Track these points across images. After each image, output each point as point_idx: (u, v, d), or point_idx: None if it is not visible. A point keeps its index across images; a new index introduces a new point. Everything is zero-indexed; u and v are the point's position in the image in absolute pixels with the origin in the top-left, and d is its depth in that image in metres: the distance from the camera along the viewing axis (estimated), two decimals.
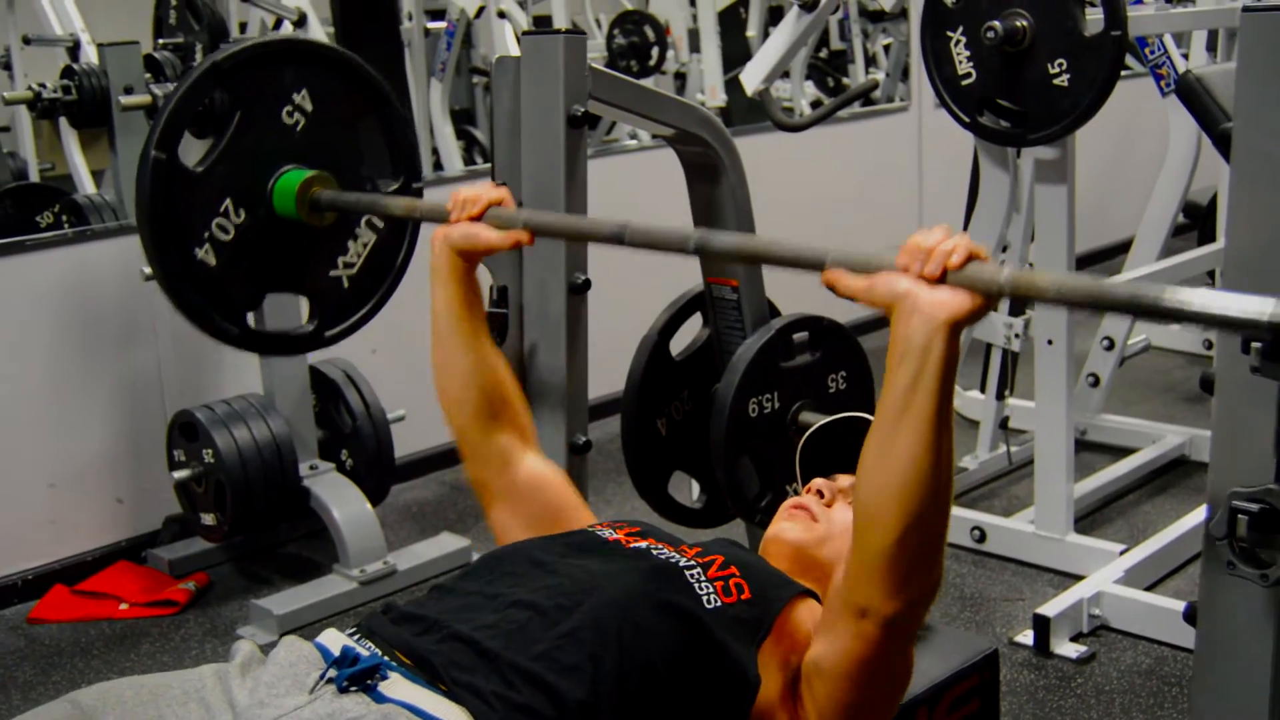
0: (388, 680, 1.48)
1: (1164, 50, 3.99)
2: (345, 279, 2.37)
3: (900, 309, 1.41)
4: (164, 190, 2.13)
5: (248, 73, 2.21)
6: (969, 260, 1.38)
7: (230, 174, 2.20)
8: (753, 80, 3.27)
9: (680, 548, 1.74)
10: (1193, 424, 4.07)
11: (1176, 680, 2.74)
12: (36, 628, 3.27)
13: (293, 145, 2.25)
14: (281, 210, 2.24)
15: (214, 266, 2.19)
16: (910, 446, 1.40)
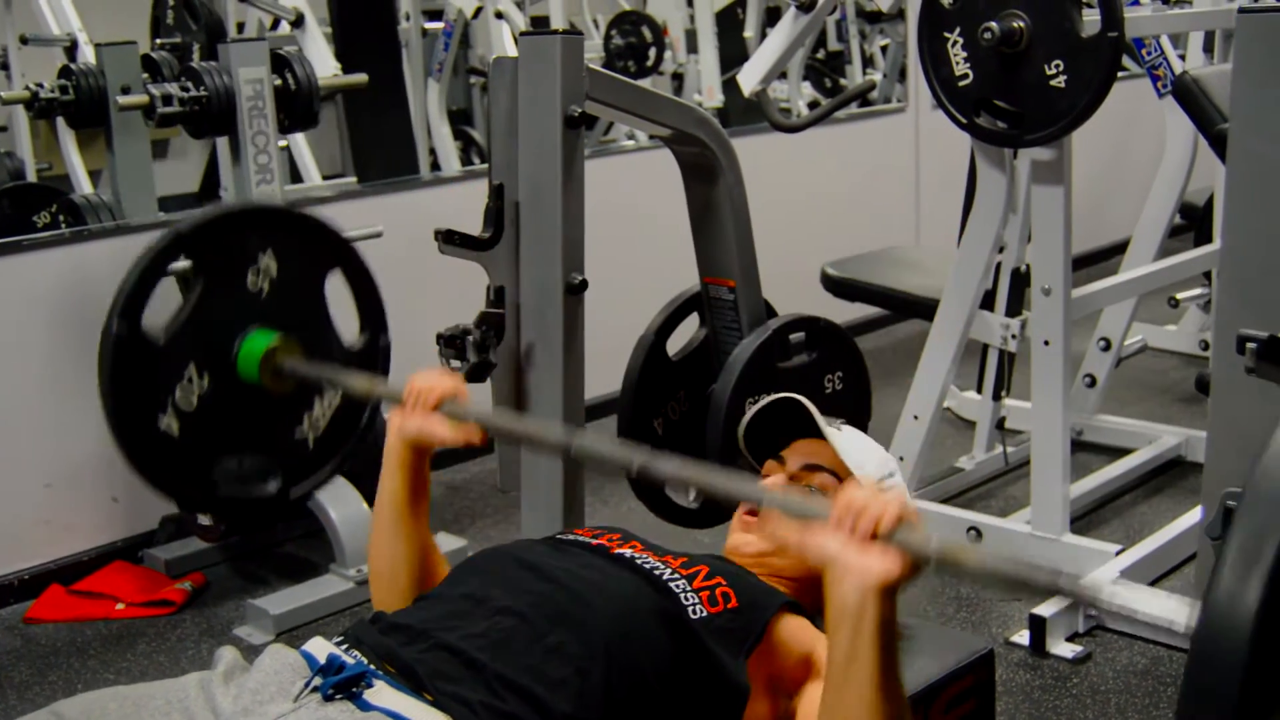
0: (373, 688, 1.48)
1: (1161, 51, 3.99)
2: (310, 439, 2.35)
3: (832, 573, 1.42)
4: (126, 363, 2.12)
5: (211, 239, 2.20)
6: (900, 523, 1.40)
7: (194, 340, 2.18)
8: (750, 81, 3.27)
9: (665, 558, 1.74)
10: (1189, 424, 4.07)
11: (1172, 680, 2.74)
12: (33, 627, 3.27)
13: (258, 308, 2.23)
14: (245, 376, 2.21)
15: (176, 435, 2.17)
16: (857, 709, 1.41)
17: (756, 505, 1.53)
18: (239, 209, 2.31)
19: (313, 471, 2.38)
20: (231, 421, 2.24)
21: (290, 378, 2.22)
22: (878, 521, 1.40)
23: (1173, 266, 3.77)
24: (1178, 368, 4.92)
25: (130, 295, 2.12)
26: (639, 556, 1.71)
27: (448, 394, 1.88)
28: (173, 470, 2.20)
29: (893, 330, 5.47)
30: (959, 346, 3.36)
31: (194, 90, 3.15)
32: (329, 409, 2.35)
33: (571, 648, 1.52)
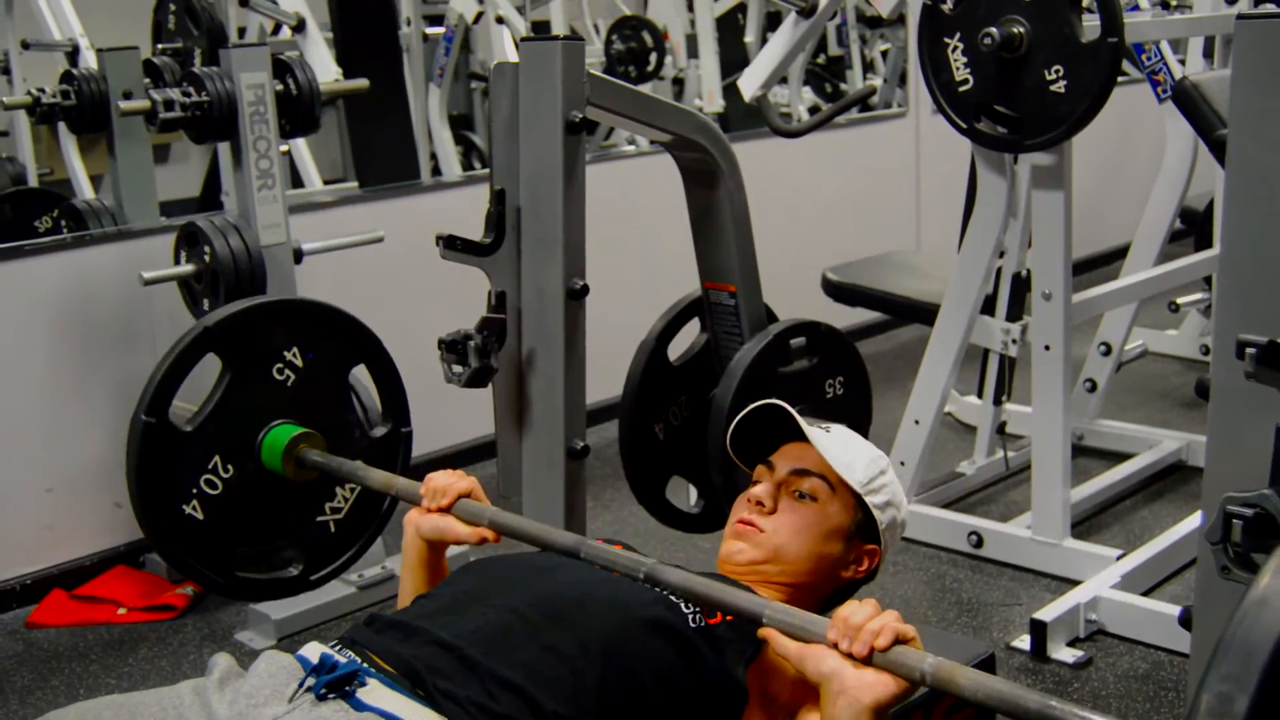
0: (366, 687, 1.48)
1: (1161, 56, 4.00)
2: (332, 524, 2.42)
3: (827, 689, 1.44)
4: (153, 452, 2.19)
5: (238, 335, 2.28)
6: (896, 643, 1.42)
7: (220, 432, 2.26)
8: (751, 86, 3.28)
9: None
10: (1189, 429, 4.08)
11: (1173, 685, 2.74)
12: (35, 632, 3.27)
13: (283, 401, 2.30)
14: (270, 465, 2.29)
15: (201, 521, 2.24)
16: None
17: (758, 617, 1.54)
18: (268, 304, 2.36)
19: (335, 556, 2.45)
20: (255, 508, 2.32)
21: (312, 469, 2.29)
22: (874, 639, 1.42)
23: (1173, 271, 3.78)
24: (1178, 372, 4.93)
25: (159, 388, 2.20)
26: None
27: (463, 493, 1.92)
28: (196, 554, 2.28)
29: (894, 335, 5.47)
30: (960, 351, 3.37)
31: (196, 95, 3.15)
32: (352, 494, 2.44)
33: (567, 648, 1.52)
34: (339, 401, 2.41)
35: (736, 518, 1.89)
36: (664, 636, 1.58)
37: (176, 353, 2.22)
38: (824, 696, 1.45)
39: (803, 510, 1.85)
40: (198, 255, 3.18)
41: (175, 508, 2.23)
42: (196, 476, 2.24)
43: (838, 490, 1.86)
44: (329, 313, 2.40)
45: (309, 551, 2.41)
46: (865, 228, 5.46)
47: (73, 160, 4.28)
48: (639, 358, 2.58)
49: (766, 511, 1.86)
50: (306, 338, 2.32)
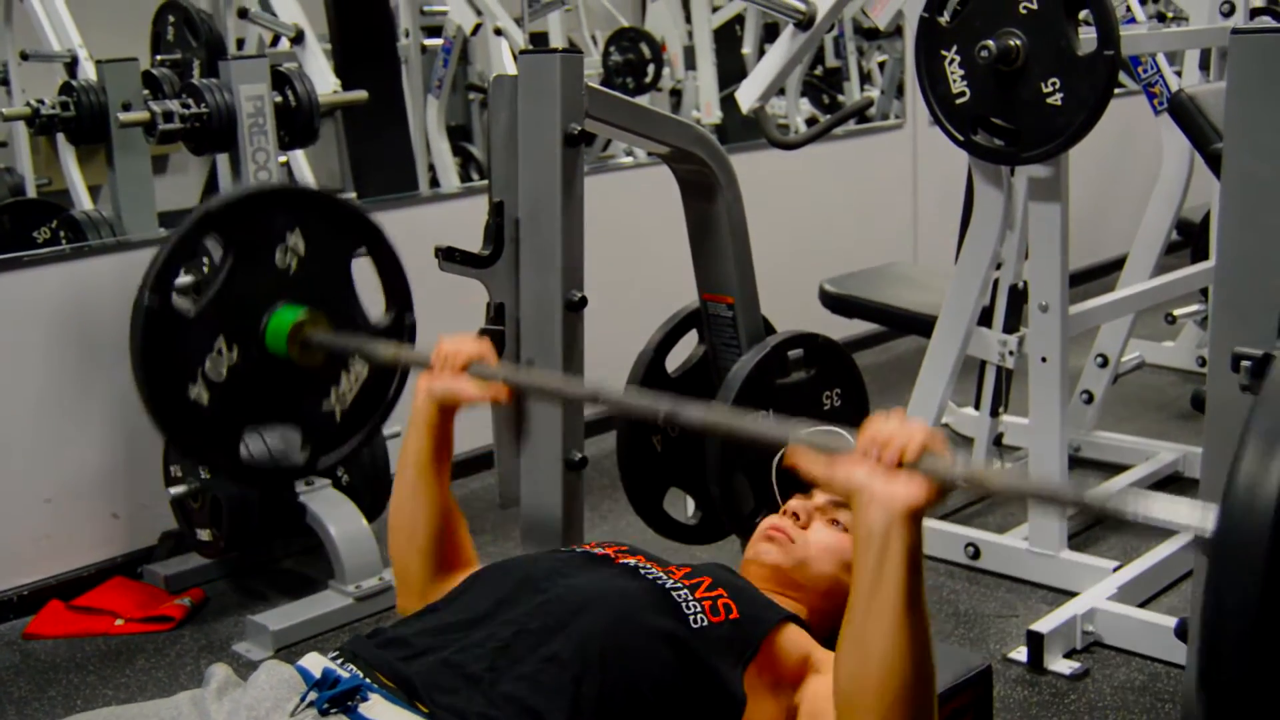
0: (368, 702, 1.48)
1: (1157, 69, 4.02)
2: (338, 411, 2.40)
3: (858, 500, 1.45)
4: (156, 334, 2.17)
5: (240, 219, 2.26)
6: (925, 450, 1.43)
7: (223, 314, 2.23)
8: (748, 98, 3.29)
9: (669, 568, 1.75)
10: (1186, 441, 4.08)
11: (1169, 696, 2.74)
12: (32, 643, 3.27)
13: (286, 284, 2.28)
14: (274, 349, 2.27)
15: (206, 405, 2.22)
16: (882, 636, 1.43)
17: (784, 441, 1.55)
18: (267, 189, 2.38)
19: (340, 443, 2.43)
20: (260, 393, 2.30)
21: (318, 350, 2.27)
22: (903, 449, 1.42)
23: (1169, 283, 3.78)
24: (1175, 384, 4.93)
25: (160, 270, 2.16)
26: (643, 567, 1.72)
27: (474, 356, 1.97)
28: (202, 438, 2.26)
29: (891, 346, 5.48)
30: (957, 363, 3.38)
31: (195, 107, 3.16)
32: (356, 382, 2.41)
33: (568, 656, 1.53)
34: (342, 289, 2.38)
35: (768, 523, 1.92)
36: (664, 643, 1.58)
37: (178, 235, 2.19)
38: (856, 509, 1.45)
39: (835, 534, 1.88)
40: (196, 266, 3.18)
41: (180, 392, 2.20)
42: (201, 359, 2.21)
43: None
44: (328, 200, 2.39)
45: (314, 439, 2.39)
46: (863, 239, 5.47)
47: (71, 171, 4.29)
48: (637, 369, 2.59)
49: (800, 525, 1.89)
50: (308, 224, 2.31)
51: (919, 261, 5.70)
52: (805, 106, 6.48)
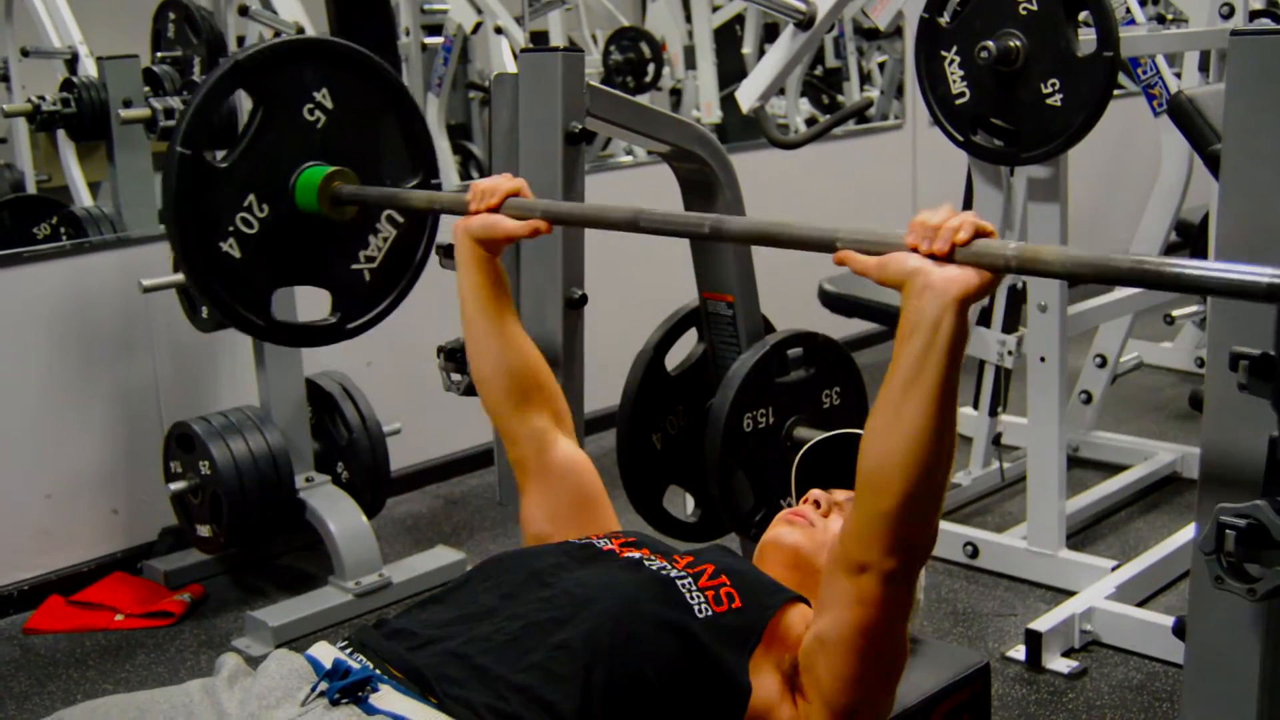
0: (379, 693, 1.49)
1: (1156, 70, 4.02)
2: (366, 273, 2.44)
3: (911, 286, 1.45)
4: (190, 185, 2.20)
5: (269, 71, 2.27)
6: (976, 236, 1.42)
7: (254, 170, 2.26)
8: (749, 98, 3.29)
9: (672, 557, 1.75)
10: (1185, 441, 4.09)
11: (1167, 695, 2.75)
12: (32, 638, 3.27)
13: (314, 142, 2.31)
14: (304, 205, 2.29)
15: (238, 259, 2.26)
16: (918, 416, 1.45)
17: (831, 242, 1.57)
18: (297, 41, 2.39)
19: (369, 306, 2.46)
20: (290, 251, 2.33)
21: (349, 203, 2.30)
22: (955, 233, 1.43)
23: None
24: (1173, 384, 4.94)
25: (192, 121, 2.19)
26: (647, 559, 1.73)
27: (511, 191, 1.96)
28: (234, 293, 2.28)
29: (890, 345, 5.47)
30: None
31: None
32: (385, 243, 2.44)
33: (576, 646, 1.54)
34: (369, 148, 2.40)
35: (789, 511, 1.93)
36: (671, 633, 1.59)
37: (208, 86, 2.21)
38: (907, 295, 1.46)
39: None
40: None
41: (213, 245, 2.23)
42: (233, 214, 2.24)
43: None
44: (357, 55, 2.39)
45: (345, 300, 2.43)
46: None
47: (71, 167, 4.29)
48: (636, 367, 2.59)
49: (821, 513, 1.90)
50: (336, 81, 2.33)
51: None
52: (805, 106, 6.48)
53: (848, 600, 1.56)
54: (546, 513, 1.96)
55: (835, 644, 1.58)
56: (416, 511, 4.07)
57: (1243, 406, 1.60)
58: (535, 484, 1.97)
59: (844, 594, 1.56)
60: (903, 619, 1.60)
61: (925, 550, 1.56)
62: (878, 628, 1.57)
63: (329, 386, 3.54)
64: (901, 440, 1.46)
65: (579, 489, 1.97)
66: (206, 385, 3.75)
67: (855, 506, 1.54)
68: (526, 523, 1.98)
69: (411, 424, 3.78)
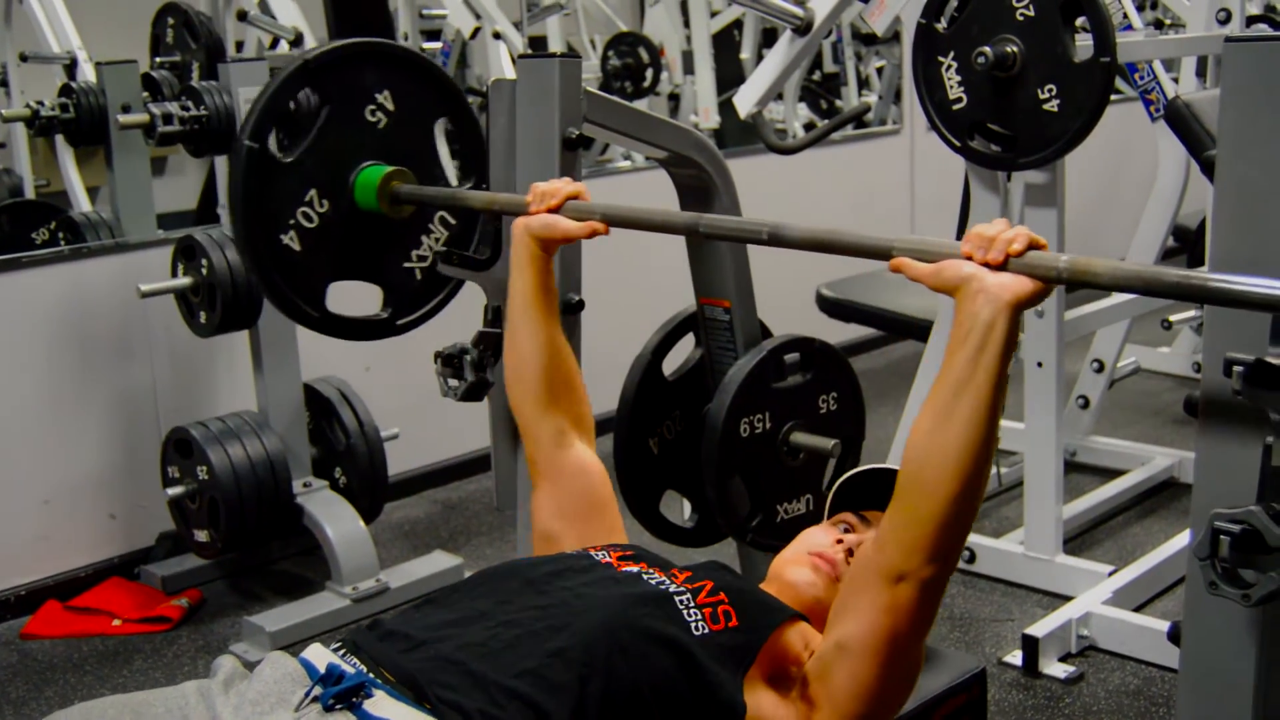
0: (373, 698, 1.48)
1: (1154, 76, 4.03)
2: (418, 271, 2.52)
3: (966, 291, 1.52)
4: (255, 178, 2.28)
5: (334, 71, 2.37)
6: (1029, 249, 1.50)
7: (316, 166, 2.36)
8: (747, 103, 3.29)
9: (670, 572, 1.75)
10: (1181, 446, 4.10)
11: (1164, 700, 2.75)
12: (29, 643, 3.27)
13: (374, 142, 2.41)
14: (363, 202, 2.37)
15: (298, 251, 2.34)
16: (969, 416, 1.50)
17: (888, 250, 1.65)
18: (363, 44, 2.45)
19: (419, 304, 2.53)
20: (347, 246, 2.41)
21: (407, 201, 2.36)
22: (1009, 245, 1.50)
23: None
24: (1170, 389, 4.95)
25: (260, 115, 2.28)
26: (645, 573, 1.72)
27: (571, 194, 2.03)
28: (292, 285, 2.36)
29: (888, 351, 5.49)
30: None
31: (194, 109, 3.17)
32: (437, 244, 2.52)
33: (573, 655, 1.53)
34: (426, 152, 2.49)
35: (817, 549, 1.88)
36: (666, 648, 1.59)
37: (278, 83, 2.31)
38: (961, 299, 1.52)
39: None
40: (195, 268, 3.19)
41: (274, 237, 2.32)
42: (294, 208, 2.33)
43: None
44: (418, 60, 2.48)
45: (396, 296, 2.51)
46: None
47: (70, 172, 4.29)
48: (634, 372, 2.60)
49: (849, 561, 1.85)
50: (397, 83, 2.41)
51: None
52: (803, 111, 6.49)
53: (880, 607, 1.57)
54: (554, 508, 1.98)
55: (860, 652, 1.59)
56: (414, 517, 4.07)
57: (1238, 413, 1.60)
58: (546, 481, 2.00)
59: (876, 601, 1.57)
60: (928, 628, 1.62)
61: (958, 555, 1.59)
62: (907, 637, 1.59)
63: (327, 392, 3.54)
64: (954, 439, 1.50)
65: (589, 491, 1.99)
66: (204, 390, 3.75)
67: (897, 511, 1.56)
68: (535, 517, 2.01)
69: (409, 429, 3.78)
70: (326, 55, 2.35)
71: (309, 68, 2.32)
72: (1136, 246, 4.03)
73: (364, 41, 2.43)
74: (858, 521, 1.93)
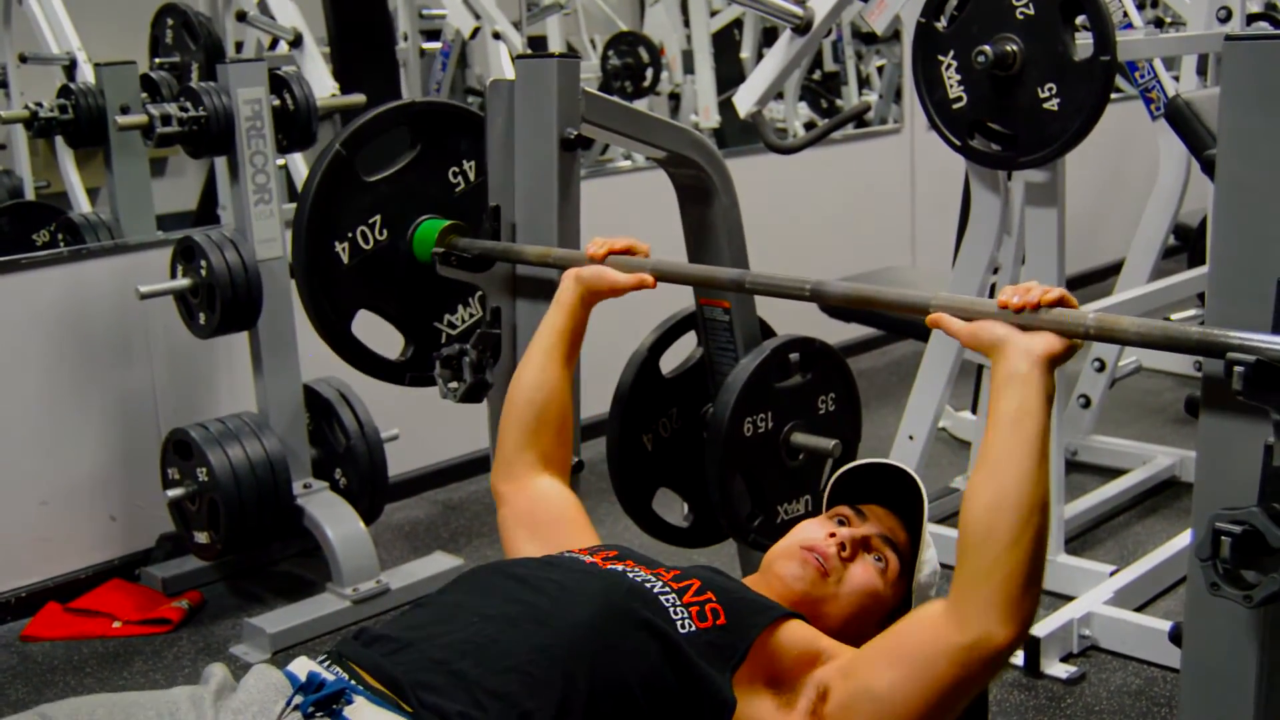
0: (353, 705, 1.48)
1: (1154, 74, 4.02)
2: (444, 336, 2.62)
3: (1001, 349, 1.63)
4: (333, 181, 2.40)
5: (433, 122, 2.54)
6: (1060, 302, 1.62)
7: (389, 196, 2.49)
8: (746, 102, 3.29)
9: (657, 570, 1.74)
10: (1183, 445, 4.09)
11: (1166, 701, 2.75)
12: (30, 645, 3.27)
13: (447, 201, 2.53)
14: (419, 247, 2.48)
15: (344, 264, 2.44)
16: (1020, 461, 1.56)
17: (926, 307, 1.76)
18: (468, 111, 2.60)
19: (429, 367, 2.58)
20: (389, 281, 2.52)
21: (460, 256, 2.40)
22: (1039, 301, 1.62)
23: (1167, 288, 3.78)
24: (1172, 389, 4.94)
25: (357, 130, 2.45)
26: (631, 571, 1.72)
27: (625, 248, 2.14)
28: (326, 290, 2.46)
29: (888, 350, 5.49)
30: (954, 367, 3.38)
31: (193, 110, 3.16)
32: (469, 319, 2.63)
33: (557, 651, 1.53)
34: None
35: (810, 542, 1.85)
36: (653, 642, 1.58)
37: (379, 112, 2.50)
38: (998, 358, 1.63)
39: (873, 573, 1.85)
40: (194, 269, 3.19)
41: (329, 240, 2.44)
42: (356, 224, 2.46)
43: (903, 577, 1.90)
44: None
45: (416, 351, 2.59)
46: (861, 243, 5.48)
47: (70, 174, 4.29)
48: (630, 368, 2.59)
49: (844, 556, 1.84)
50: (483, 160, 2.48)
51: (917, 265, 5.71)
52: (803, 111, 6.49)
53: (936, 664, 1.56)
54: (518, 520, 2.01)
55: (896, 706, 1.58)
56: (414, 518, 4.07)
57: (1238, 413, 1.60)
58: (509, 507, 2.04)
59: (934, 658, 1.56)
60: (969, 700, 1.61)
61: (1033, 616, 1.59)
62: (953, 701, 1.59)
63: (326, 393, 3.53)
64: (1009, 483, 1.55)
65: (552, 508, 2.02)
66: (204, 392, 3.74)
67: (964, 574, 1.57)
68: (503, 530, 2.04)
69: (409, 430, 3.77)
70: (431, 106, 2.56)
71: (412, 110, 2.50)
72: (1137, 245, 4.02)
73: (467, 109, 2.58)
74: (853, 515, 1.91)
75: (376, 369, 2.62)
